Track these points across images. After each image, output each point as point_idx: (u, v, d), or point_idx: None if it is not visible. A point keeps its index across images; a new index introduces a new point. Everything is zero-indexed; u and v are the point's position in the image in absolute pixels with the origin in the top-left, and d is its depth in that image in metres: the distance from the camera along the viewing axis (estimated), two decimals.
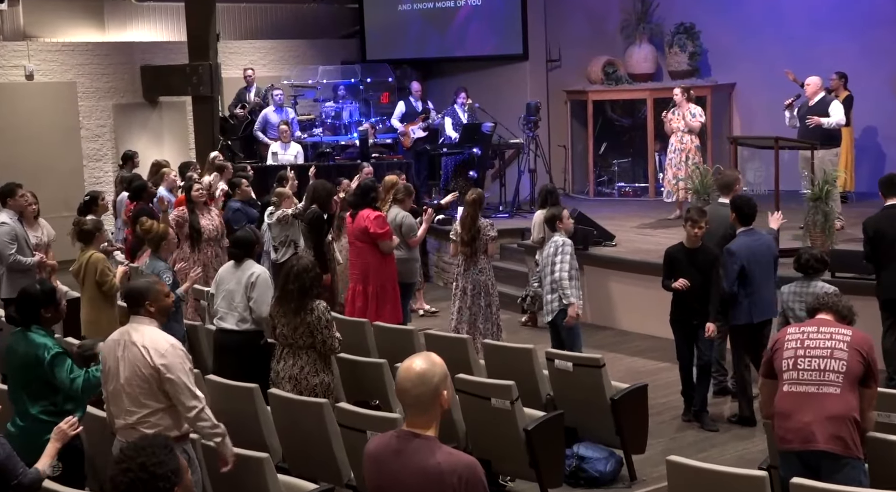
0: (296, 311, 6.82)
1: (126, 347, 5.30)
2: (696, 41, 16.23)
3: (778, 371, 5.42)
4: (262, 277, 7.73)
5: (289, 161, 14.68)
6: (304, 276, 6.82)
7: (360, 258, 9.72)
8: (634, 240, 12.38)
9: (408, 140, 16.06)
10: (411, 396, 3.65)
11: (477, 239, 9.75)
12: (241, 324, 7.71)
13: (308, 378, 6.82)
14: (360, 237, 9.68)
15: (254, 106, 16.14)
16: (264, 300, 7.65)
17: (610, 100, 17.07)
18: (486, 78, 17.51)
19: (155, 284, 5.50)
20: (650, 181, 16.33)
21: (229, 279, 7.82)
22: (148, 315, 5.38)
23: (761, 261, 8.26)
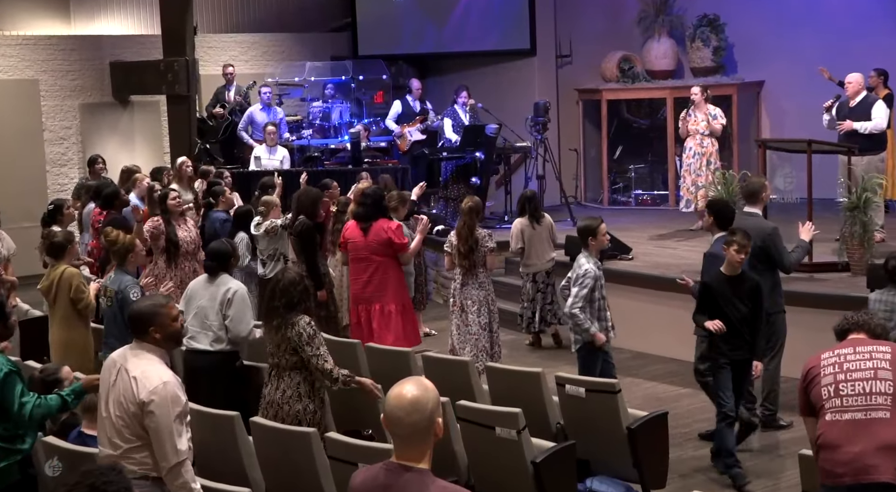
0: (277, 328, 6.83)
1: (120, 373, 5.25)
2: (721, 35, 16.27)
3: (817, 402, 5.34)
4: (239, 293, 7.74)
5: (274, 166, 14.69)
6: (292, 290, 6.82)
7: (379, 274, 9.64)
8: (653, 253, 12.38)
9: (404, 143, 16.07)
10: (405, 425, 3.63)
11: (475, 251, 9.77)
12: (215, 344, 7.71)
13: (290, 403, 6.78)
14: (381, 250, 9.61)
15: (234, 106, 16.18)
16: (242, 318, 7.66)
17: (626, 99, 17.11)
18: (490, 75, 17.54)
19: (162, 307, 5.36)
20: (670, 189, 16.35)
21: (201, 295, 7.81)
22: (153, 342, 5.29)
23: None
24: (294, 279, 6.88)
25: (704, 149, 13.44)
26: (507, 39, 17.50)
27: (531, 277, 11.60)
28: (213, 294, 7.76)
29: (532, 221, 11.47)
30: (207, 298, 7.75)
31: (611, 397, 7.20)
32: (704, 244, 11.05)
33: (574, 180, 17.16)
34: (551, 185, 15.60)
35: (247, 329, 7.75)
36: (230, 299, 7.68)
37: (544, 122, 15.24)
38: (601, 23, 17.42)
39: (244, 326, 7.71)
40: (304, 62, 17.44)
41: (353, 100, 17.28)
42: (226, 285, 7.78)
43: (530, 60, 17.33)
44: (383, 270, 9.63)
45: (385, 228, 9.60)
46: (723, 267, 7.87)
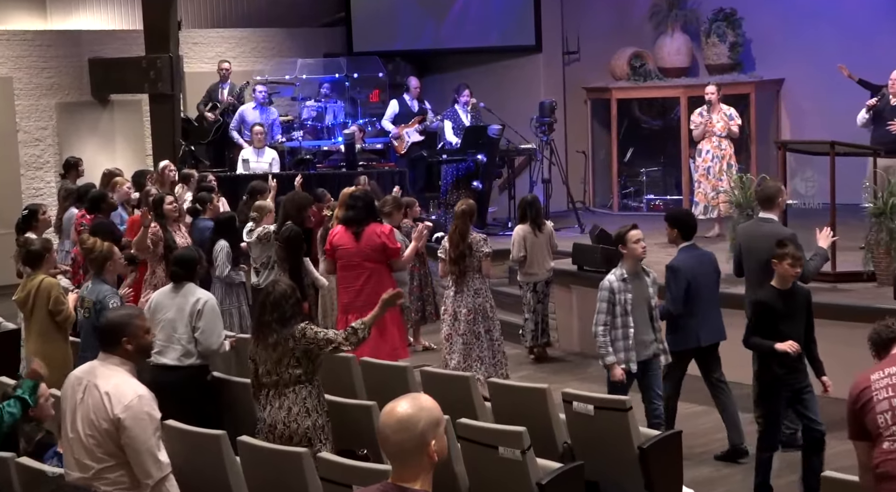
0: (275, 345, 6.80)
1: (88, 390, 5.24)
2: (738, 30, 16.29)
3: (873, 429, 5.28)
4: (209, 304, 7.76)
5: (263, 169, 14.70)
6: (284, 304, 6.81)
7: (371, 283, 9.56)
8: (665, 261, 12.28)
9: (402, 145, 16.08)
10: (391, 444, 3.63)
11: (467, 257, 9.82)
12: (184, 358, 7.72)
13: (298, 420, 6.78)
14: (373, 256, 9.57)
15: (227, 106, 16.19)
16: (213, 330, 7.69)
17: (637, 98, 17.13)
18: (493, 73, 17.56)
19: (136, 317, 5.40)
20: (684, 193, 16.35)
21: (167, 306, 7.81)
22: (124, 355, 5.29)
23: (707, 279, 8.70)
24: (285, 292, 6.86)
25: (723, 151, 13.45)
26: (511, 35, 17.53)
27: (532, 287, 11.61)
28: (181, 305, 7.76)
29: (534, 228, 11.47)
30: (175, 310, 7.76)
31: (621, 415, 7.18)
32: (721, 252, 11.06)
33: (582, 184, 17.17)
34: (558, 189, 15.61)
35: (218, 342, 7.76)
36: (200, 310, 7.70)
37: (550, 122, 15.26)
38: (611, 17, 17.44)
39: (215, 338, 7.72)
40: (296, 59, 17.46)
41: (348, 99, 17.28)
42: (194, 295, 7.79)
43: (535, 57, 17.35)
44: (377, 277, 9.58)
45: (378, 232, 9.58)
46: (774, 282, 7.72)
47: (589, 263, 11.81)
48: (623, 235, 8.17)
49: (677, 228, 8.78)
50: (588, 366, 11.44)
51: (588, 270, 11.81)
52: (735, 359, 8.72)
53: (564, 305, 12.15)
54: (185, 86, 16.30)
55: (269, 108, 16.04)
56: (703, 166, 13.56)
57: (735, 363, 8.79)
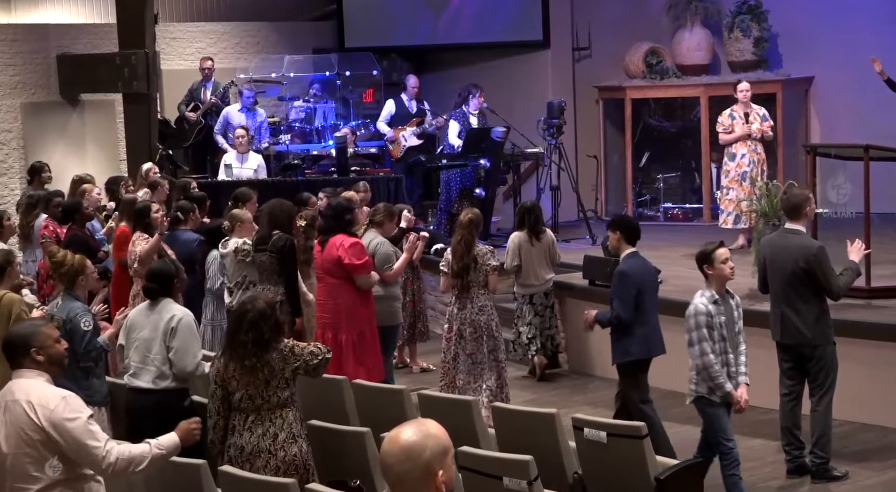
0: (252, 369, 6.77)
1: (7, 408, 5.30)
2: (764, 24, 16.31)
3: None
4: (184, 322, 7.75)
5: (247, 176, 14.72)
6: (262, 325, 6.78)
7: (332, 298, 9.72)
8: (685, 277, 12.32)
9: (398, 149, 16.10)
10: (394, 473, 3.63)
11: (472, 270, 9.83)
12: (158, 381, 7.71)
13: (285, 448, 6.77)
14: (332, 271, 9.67)
15: (209, 107, 16.21)
16: (188, 350, 7.67)
17: (654, 98, 17.14)
18: (497, 71, 17.58)
19: (40, 326, 5.50)
20: (705, 201, 16.36)
21: (142, 325, 7.81)
22: (35, 367, 5.37)
23: (652, 288, 9.00)
24: (264, 311, 6.81)
25: (759, 155, 13.44)
26: (516, 29, 17.54)
27: (528, 299, 11.63)
28: (156, 323, 7.76)
29: (531, 236, 11.50)
30: (149, 329, 7.76)
31: (636, 443, 7.18)
32: (745, 266, 11.07)
33: (593, 191, 17.17)
34: (567, 197, 15.61)
35: (193, 363, 7.73)
36: (174, 328, 7.69)
37: (559, 124, 15.26)
38: (625, 10, 17.47)
39: (190, 359, 7.70)
40: (283, 55, 17.48)
41: (339, 99, 17.30)
42: (169, 312, 7.78)
43: (543, 54, 17.36)
44: (336, 293, 9.68)
45: (338, 244, 9.62)
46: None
47: (601, 278, 11.79)
48: (709, 255, 8.03)
49: (624, 233, 9.00)
50: (600, 389, 11.43)
51: (600, 284, 11.79)
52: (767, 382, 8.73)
53: (574, 323, 12.13)
54: (162, 85, 16.32)
55: (256, 110, 16.06)
56: (738, 171, 13.44)
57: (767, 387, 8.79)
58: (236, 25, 18.15)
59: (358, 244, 9.76)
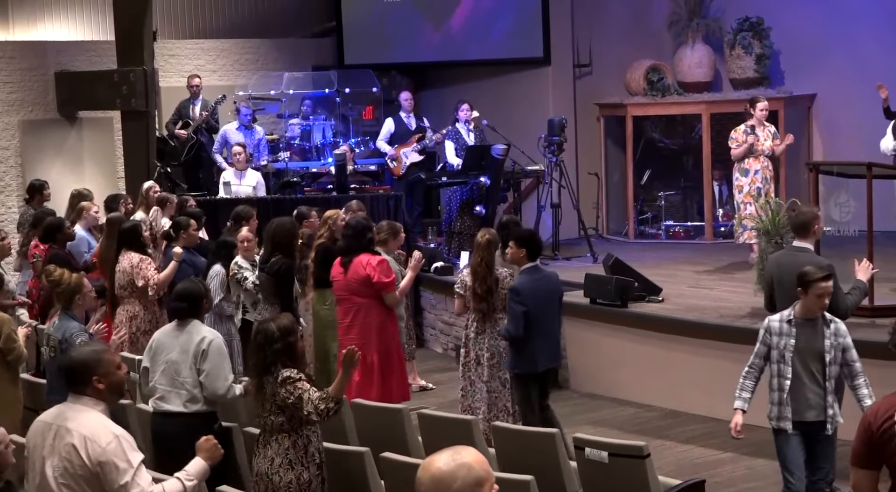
0: (258, 388, 6.85)
1: (58, 435, 5.21)
2: (766, 41, 16.32)
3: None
4: (215, 344, 7.63)
5: (246, 193, 14.71)
6: (266, 348, 6.81)
7: (360, 318, 9.66)
8: (687, 294, 12.37)
9: (399, 167, 16.10)
10: None
11: (494, 293, 9.70)
12: (189, 404, 7.58)
13: (280, 473, 6.76)
14: (360, 290, 9.62)
15: (200, 124, 16.21)
16: (219, 373, 7.57)
17: (655, 115, 17.14)
18: (497, 88, 17.58)
19: (105, 352, 5.37)
20: (707, 219, 16.36)
21: (171, 346, 7.69)
22: (94, 395, 5.26)
23: (549, 302, 9.34)
24: (272, 335, 6.83)
25: (771, 173, 13.44)
26: (517, 46, 17.57)
27: None
28: (185, 345, 7.64)
29: None
30: (178, 351, 7.63)
31: (638, 463, 7.16)
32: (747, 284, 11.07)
33: (594, 209, 17.16)
34: (568, 214, 15.60)
35: (225, 386, 7.59)
36: (205, 351, 7.57)
37: (560, 141, 15.24)
38: (626, 27, 17.49)
39: (222, 382, 7.57)
40: (282, 72, 17.49)
41: (338, 116, 17.30)
42: (199, 334, 7.66)
43: (544, 70, 17.38)
44: (365, 313, 9.64)
45: (365, 263, 9.60)
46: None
47: (602, 296, 11.80)
48: (811, 281, 7.67)
49: (526, 248, 9.27)
50: (601, 409, 11.43)
51: (601, 303, 11.80)
52: None
53: (576, 342, 12.13)
54: (160, 102, 16.31)
55: (254, 127, 16.06)
56: (753, 187, 13.41)
57: None
58: (235, 42, 18.16)
59: (385, 262, 9.78)
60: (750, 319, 10.65)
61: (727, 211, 16.16)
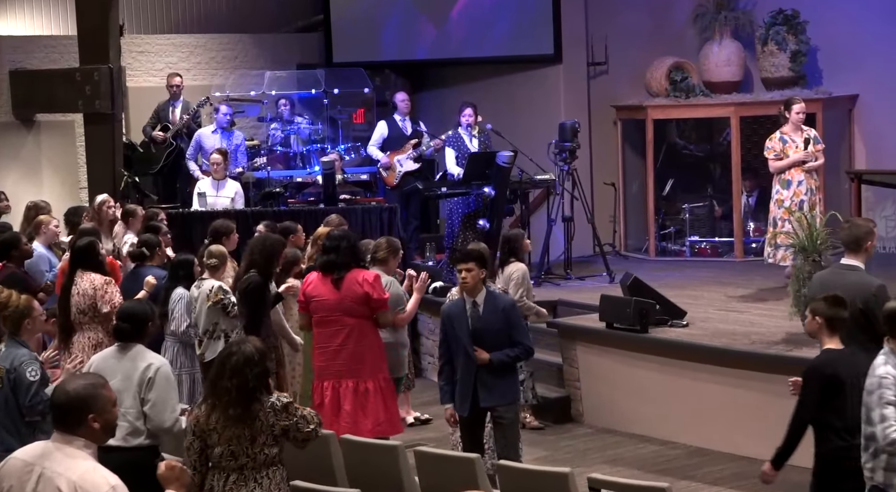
0: (240, 418, 6.74)
1: (43, 480, 5.12)
2: (802, 36, 16.31)
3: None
4: (162, 371, 7.63)
5: (223, 205, 14.69)
6: (247, 371, 6.76)
7: (352, 341, 9.54)
8: (714, 318, 12.33)
9: (393, 176, 16.07)
10: None
11: None
12: (130, 438, 7.56)
13: None
14: (354, 310, 9.52)
15: (180, 128, 16.19)
16: (166, 403, 7.57)
17: (678, 119, 17.12)
18: (503, 89, 17.59)
19: (102, 387, 5.30)
20: (736, 235, 16.32)
21: (112, 372, 7.59)
22: (88, 436, 5.22)
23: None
24: (251, 356, 6.78)
25: (817, 182, 13.29)
26: (525, 42, 17.57)
27: None
28: (128, 372, 7.63)
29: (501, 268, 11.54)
30: (120, 378, 7.58)
31: None
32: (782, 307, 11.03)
33: (611, 223, 17.13)
34: (581, 229, 15.58)
35: (172, 418, 7.60)
36: (151, 379, 7.56)
37: (572, 148, 15.23)
38: (646, 21, 17.49)
39: (169, 413, 7.57)
40: (263, 71, 17.49)
41: (326, 120, 17.30)
42: (144, 360, 7.65)
43: (554, 69, 17.38)
44: (358, 335, 9.55)
45: (360, 279, 9.53)
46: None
47: (620, 320, 11.76)
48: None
49: (487, 269, 9.35)
50: (619, 445, 11.38)
51: (619, 327, 11.76)
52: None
53: (591, 371, 12.09)
54: (128, 104, 16.32)
55: (233, 131, 16.04)
56: (795, 201, 13.27)
57: None
58: (211, 38, 18.16)
59: (379, 278, 9.75)
60: (784, 345, 10.62)
61: (759, 225, 16.13)
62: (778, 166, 13.26)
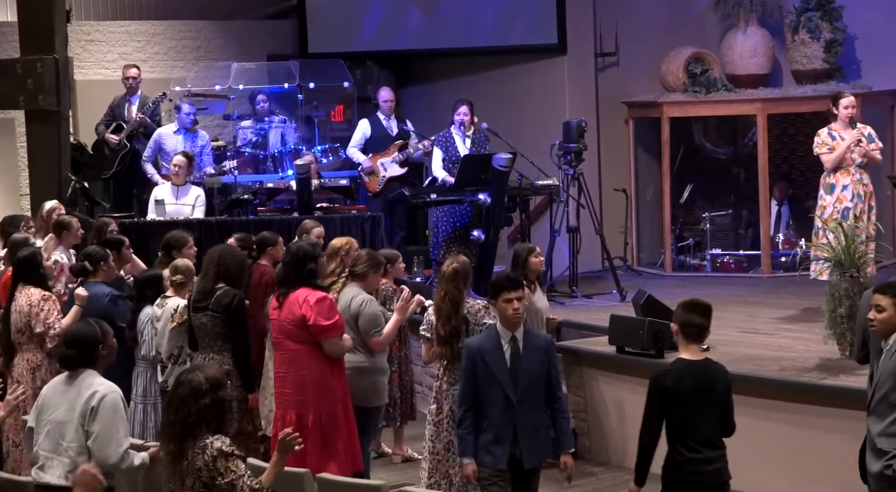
0: (176, 455, 6.72)
1: None
2: (837, 23, 16.32)
3: None
4: (108, 400, 7.59)
5: (184, 214, 14.65)
6: (190, 403, 6.74)
7: (294, 368, 9.56)
8: (738, 342, 12.31)
9: (375, 182, 16.04)
10: None
11: (461, 334, 9.68)
12: (72, 475, 7.40)
13: None
14: (294, 334, 9.50)
15: (136, 127, 16.12)
16: (111, 436, 7.53)
17: (698, 117, 17.10)
18: (500, 83, 17.58)
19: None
20: (763, 247, 16.31)
21: (57, 403, 7.67)
22: None
23: None
24: (199, 387, 6.77)
25: (866, 187, 13.18)
26: (526, 31, 17.60)
27: None
28: (73, 402, 7.61)
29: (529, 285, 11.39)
30: (65, 408, 7.61)
31: None
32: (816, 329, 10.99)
33: (622, 234, 17.14)
34: (589, 241, 15.56)
35: (118, 453, 7.55)
36: (94, 408, 7.54)
37: (578, 149, 15.21)
38: (661, 7, 17.53)
39: (114, 448, 7.52)
40: (230, 63, 17.47)
41: (300, 118, 17.28)
42: (89, 388, 7.62)
43: (558, 61, 17.38)
44: (299, 363, 9.49)
45: (302, 299, 9.46)
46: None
47: (632, 344, 11.71)
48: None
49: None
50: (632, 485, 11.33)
51: (631, 352, 11.72)
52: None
53: (600, 401, 12.06)
54: (75, 99, 16.28)
55: (197, 131, 15.99)
56: (838, 208, 13.20)
57: None
58: (171, 25, 18.14)
59: (326, 300, 9.60)
60: (818, 373, 10.58)
61: (789, 236, 16.08)
62: (832, 158, 13.11)
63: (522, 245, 12.09)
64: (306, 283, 9.61)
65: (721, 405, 7.99)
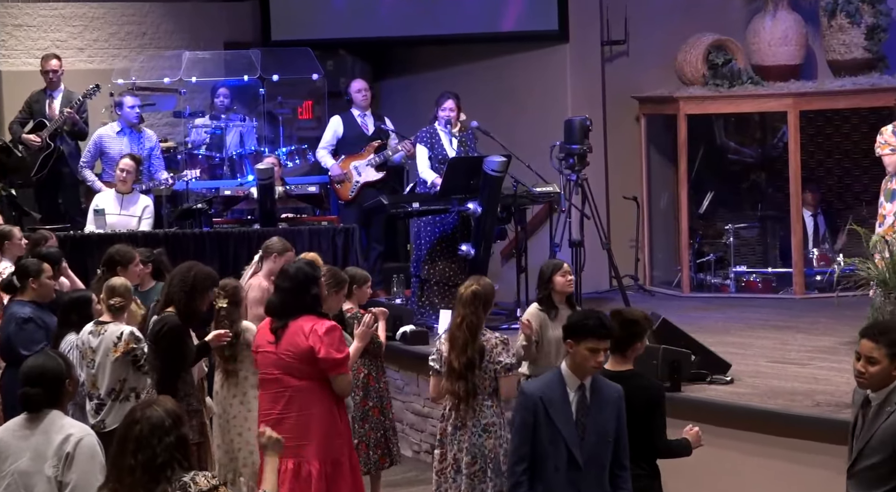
0: None
1: None
2: (881, 6, 16.37)
3: None
4: (85, 444, 7.47)
5: (129, 226, 14.66)
6: (153, 442, 6.70)
7: (296, 408, 9.48)
8: (767, 373, 12.32)
9: (347, 188, 16.06)
10: None
11: (476, 367, 9.65)
12: None
13: None
14: (297, 369, 9.40)
15: (60, 125, 16.09)
16: (91, 486, 7.37)
17: (719, 114, 17.12)
18: (493, 75, 17.61)
19: None
20: (796, 264, 16.31)
21: (19, 451, 7.54)
22: None
23: None
24: (161, 423, 6.72)
25: None
26: (522, 16, 17.68)
27: None
28: (40, 448, 7.49)
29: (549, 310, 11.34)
30: (30, 457, 7.49)
31: None
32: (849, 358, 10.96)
33: (632, 249, 17.16)
34: (594, 256, 15.56)
35: None
36: (70, 454, 7.43)
37: (582, 151, 15.22)
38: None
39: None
40: (181, 51, 17.52)
41: (262, 115, 17.29)
42: (61, 431, 7.51)
43: (559, 49, 17.43)
44: (300, 402, 9.42)
45: (308, 330, 9.41)
46: None
47: (645, 371, 11.70)
48: None
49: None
50: None
51: None
52: None
53: None
54: (1, 93, 16.26)
55: (143, 130, 15.98)
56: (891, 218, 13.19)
57: None
58: (112, 8, 18.15)
59: (336, 330, 9.48)
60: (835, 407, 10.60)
61: (824, 252, 16.10)
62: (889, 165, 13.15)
63: (549, 261, 11.87)
64: (311, 310, 9.54)
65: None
